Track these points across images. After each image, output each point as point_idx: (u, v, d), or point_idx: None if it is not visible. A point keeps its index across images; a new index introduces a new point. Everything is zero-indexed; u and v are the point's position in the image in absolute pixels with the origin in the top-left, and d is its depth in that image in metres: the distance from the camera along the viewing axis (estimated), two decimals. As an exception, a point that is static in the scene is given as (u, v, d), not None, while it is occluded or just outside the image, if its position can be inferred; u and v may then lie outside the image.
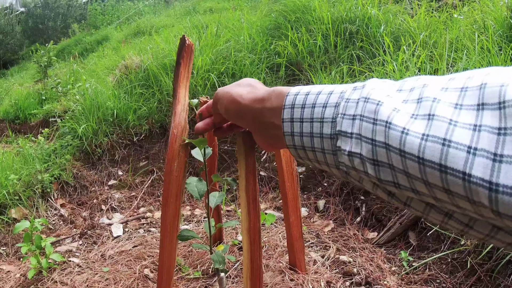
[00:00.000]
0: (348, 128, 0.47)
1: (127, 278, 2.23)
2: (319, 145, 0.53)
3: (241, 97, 0.67)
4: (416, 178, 0.39)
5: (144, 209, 3.36)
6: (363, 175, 0.47)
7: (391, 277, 2.21)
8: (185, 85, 1.58)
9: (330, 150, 0.51)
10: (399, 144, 0.39)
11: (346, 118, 0.48)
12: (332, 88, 0.54)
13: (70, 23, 19.20)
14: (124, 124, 4.02)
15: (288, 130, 0.57)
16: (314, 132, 0.53)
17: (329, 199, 3.02)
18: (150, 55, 4.74)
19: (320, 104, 0.53)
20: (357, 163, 0.46)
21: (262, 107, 0.63)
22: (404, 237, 2.55)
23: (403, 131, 0.39)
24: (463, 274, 2.11)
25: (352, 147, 0.46)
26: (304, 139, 0.55)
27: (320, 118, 0.52)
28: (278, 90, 0.62)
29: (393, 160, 0.41)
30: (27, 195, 3.28)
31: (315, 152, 0.54)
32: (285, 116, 0.58)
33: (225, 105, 0.71)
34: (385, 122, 0.41)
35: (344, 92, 0.51)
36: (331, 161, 0.52)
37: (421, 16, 3.86)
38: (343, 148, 0.48)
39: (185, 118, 1.55)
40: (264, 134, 0.66)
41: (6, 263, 2.69)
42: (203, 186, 1.60)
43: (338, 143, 0.49)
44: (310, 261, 2.32)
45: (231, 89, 0.71)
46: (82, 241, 2.88)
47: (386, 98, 0.44)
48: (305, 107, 0.55)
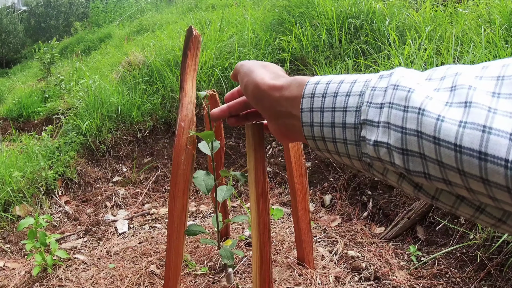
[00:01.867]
0: (375, 117, 0.45)
1: (133, 275, 2.22)
2: (340, 135, 0.50)
3: (262, 81, 0.64)
4: (450, 168, 0.37)
5: (149, 206, 3.34)
6: (389, 166, 0.45)
7: (399, 272, 2.19)
8: (192, 77, 1.56)
9: (353, 140, 0.49)
10: (433, 131, 0.37)
11: (372, 107, 0.46)
12: (355, 77, 0.52)
13: (72, 21, 19.21)
14: (128, 121, 4.00)
15: (307, 121, 0.55)
16: (336, 122, 0.51)
17: (335, 194, 2.99)
18: (153, 51, 4.73)
19: (343, 93, 0.51)
20: (383, 153, 0.44)
21: (280, 96, 0.61)
22: (412, 232, 2.52)
23: (438, 117, 0.37)
24: (473, 268, 2.09)
25: (379, 136, 0.44)
26: (325, 129, 0.52)
27: (342, 107, 0.50)
28: (298, 79, 0.59)
29: (425, 149, 0.39)
30: (31, 192, 3.27)
31: (336, 143, 0.52)
32: (304, 105, 0.55)
33: (245, 83, 0.69)
34: (417, 109, 0.39)
35: (369, 80, 0.49)
36: (354, 152, 0.50)
37: (426, 10, 3.82)
38: (368, 138, 0.46)
39: (192, 110, 1.53)
40: (280, 124, 0.64)
41: (10, 261, 2.68)
42: (211, 180, 1.58)
43: (362, 133, 0.47)
44: (318, 256, 2.30)
45: (255, 69, 0.68)
46: (87, 237, 2.87)
47: (417, 85, 0.42)
48: (326, 96, 0.53)
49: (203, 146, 1.52)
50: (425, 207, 2.48)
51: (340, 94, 0.51)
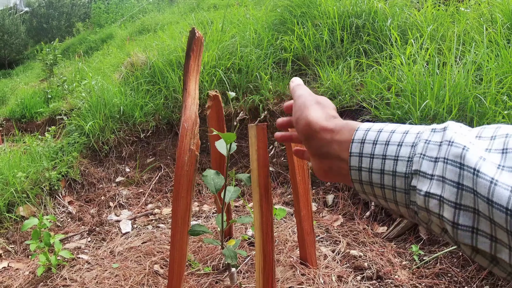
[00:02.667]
0: (429, 169, 0.47)
1: (137, 274, 2.23)
2: (390, 182, 0.52)
3: (315, 122, 0.66)
4: (500, 227, 0.40)
5: (152, 206, 3.36)
6: (435, 218, 0.46)
7: (402, 271, 2.20)
8: (195, 78, 1.57)
9: (403, 188, 0.51)
10: (487, 193, 0.40)
11: (426, 159, 0.48)
12: (407, 127, 0.54)
13: (74, 22, 19.23)
14: (130, 121, 4.01)
15: (356, 165, 0.56)
16: (386, 169, 0.52)
17: (338, 193, 3.00)
18: (155, 52, 4.74)
19: (395, 142, 0.53)
20: (433, 205, 0.46)
21: (331, 138, 0.62)
22: (414, 231, 2.53)
23: (492, 181, 0.40)
24: (475, 268, 2.10)
25: (431, 188, 0.46)
26: (373, 175, 0.54)
27: (394, 156, 0.52)
28: (350, 124, 0.61)
29: (480, 206, 0.41)
30: (34, 193, 3.28)
31: (384, 189, 0.53)
32: (353, 150, 0.57)
33: (297, 117, 0.70)
34: (472, 169, 0.42)
35: (421, 132, 0.51)
36: (401, 200, 0.52)
37: (428, 9, 3.83)
38: (419, 188, 0.48)
39: (195, 111, 1.54)
40: (324, 164, 0.65)
41: (15, 261, 2.69)
42: (221, 180, 1.59)
43: (413, 183, 0.49)
44: (321, 256, 2.31)
45: (310, 106, 0.70)
46: (90, 238, 2.88)
47: (470, 144, 0.44)
48: (377, 144, 0.54)
49: (220, 146, 1.53)
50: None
51: (391, 143, 0.53)
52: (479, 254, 0.44)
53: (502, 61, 2.72)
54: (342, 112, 3.28)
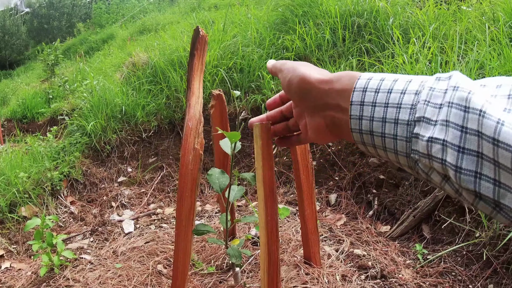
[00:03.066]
0: (433, 115, 0.47)
1: (140, 274, 2.22)
2: (391, 131, 0.52)
3: (309, 75, 0.65)
4: (505, 168, 0.40)
5: (155, 205, 3.35)
6: (437, 164, 0.46)
7: (406, 270, 2.19)
8: (199, 77, 1.56)
9: (404, 136, 0.50)
10: (493, 133, 0.40)
11: (431, 106, 0.47)
12: (410, 77, 0.53)
13: (75, 22, 19.26)
14: (132, 121, 4.01)
15: (356, 114, 0.56)
16: (388, 117, 0.52)
17: (340, 193, 2.99)
18: (157, 52, 4.74)
19: (398, 90, 0.52)
20: (436, 150, 0.46)
21: (330, 88, 0.61)
22: (418, 230, 2.52)
23: (498, 121, 0.40)
24: (479, 266, 2.09)
25: (435, 133, 0.46)
26: (374, 123, 0.54)
27: (397, 103, 0.51)
28: (349, 73, 0.60)
29: (484, 148, 0.41)
30: (36, 193, 3.28)
31: (385, 138, 0.53)
32: (354, 99, 0.56)
33: (289, 79, 0.69)
34: (478, 111, 0.42)
35: (425, 81, 0.51)
36: (402, 148, 0.51)
37: (430, 8, 3.82)
38: (422, 134, 0.47)
39: (199, 110, 1.54)
40: (326, 116, 0.64)
41: (17, 261, 2.69)
42: (225, 179, 1.59)
43: (415, 130, 0.49)
44: (324, 255, 2.30)
45: (299, 66, 0.69)
46: (93, 238, 2.88)
47: (476, 89, 0.44)
48: (379, 92, 0.54)
49: (225, 145, 1.53)
50: (431, 205, 2.48)
51: (394, 91, 0.52)
52: (481, 201, 0.44)
53: (504, 60, 2.71)
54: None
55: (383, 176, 2.86)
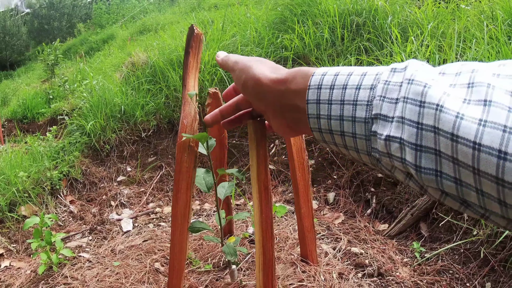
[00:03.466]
0: (389, 111, 0.44)
1: (137, 272, 2.23)
2: (349, 129, 0.49)
3: (264, 76, 0.62)
4: (465, 166, 0.37)
5: (153, 205, 3.36)
6: (398, 163, 0.44)
7: (403, 269, 2.19)
8: (194, 75, 1.57)
9: (363, 135, 0.48)
10: (451, 128, 0.37)
11: (386, 101, 0.45)
12: (365, 69, 0.50)
13: (75, 23, 19.29)
14: (132, 120, 4.02)
15: (314, 113, 0.53)
16: (345, 115, 0.49)
17: (339, 191, 3.00)
18: (156, 51, 4.74)
19: (353, 86, 0.49)
20: (395, 149, 0.43)
21: (286, 89, 0.59)
22: (416, 228, 2.53)
23: (458, 115, 0.37)
24: (476, 264, 2.09)
25: (391, 131, 0.43)
26: (332, 122, 0.51)
27: (352, 100, 0.48)
28: (303, 71, 0.57)
29: (441, 145, 0.38)
30: (36, 192, 3.29)
31: (344, 136, 0.50)
32: (310, 97, 0.53)
33: (243, 81, 0.67)
34: (435, 105, 0.39)
35: (380, 73, 0.48)
36: (362, 147, 0.49)
37: (429, 6, 3.82)
38: (379, 133, 0.45)
39: (195, 108, 1.54)
40: (285, 117, 0.62)
41: (16, 260, 2.69)
42: (211, 178, 1.59)
43: (373, 128, 0.46)
44: (322, 253, 2.31)
45: (252, 65, 0.66)
46: (92, 236, 2.89)
47: (432, 81, 0.41)
48: (334, 88, 0.51)
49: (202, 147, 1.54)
50: (429, 203, 2.49)
51: (349, 86, 0.49)
52: (448, 197, 0.42)
53: (502, 58, 2.71)
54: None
55: (381, 174, 2.86)
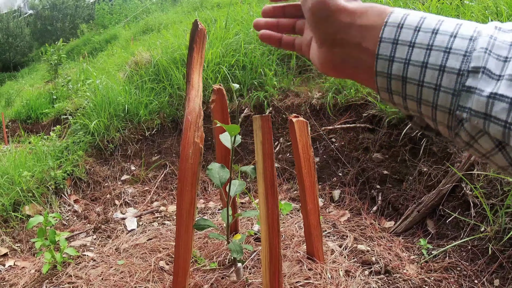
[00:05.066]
0: (497, 68, 0.39)
1: (142, 271, 2.22)
2: (433, 79, 0.42)
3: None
4: None
5: (158, 203, 3.35)
6: (497, 127, 0.38)
7: (410, 266, 2.18)
8: (198, 71, 1.55)
9: (451, 88, 0.41)
10: None
11: (493, 57, 0.39)
12: (459, 20, 0.44)
13: (78, 24, 19.32)
14: (135, 119, 4.01)
15: (386, 53, 0.45)
16: (431, 62, 0.42)
17: (344, 189, 2.98)
18: (159, 50, 4.73)
19: (446, 32, 0.42)
20: (499, 109, 0.38)
21: (351, 22, 0.50)
22: (422, 226, 2.51)
23: None
24: (484, 261, 2.07)
25: (499, 89, 0.38)
26: (410, 68, 0.44)
27: (445, 47, 0.42)
28: (377, 6, 0.49)
29: None
30: (40, 192, 3.28)
31: (422, 87, 0.43)
32: (385, 35, 0.46)
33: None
34: None
35: (479, 28, 0.42)
36: (445, 103, 0.42)
37: (432, 3, 3.79)
38: (480, 88, 0.39)
39: (199, 104, 1.52)
40: (337, 53, 0.53)
41: (20, 259, 2.69)
42: (226, 173, 1.57)
43: (469, 82, 0.40)
44: (328, 251, 2.29)
45: None
46: (96, 235, 2.88)
47: None
48: (421, 31, 0.44)
49: (224, 139, 1.51)
50: (435, 200, 2.46)
51: (442, 32, 0.43)
52: None
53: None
54: (347, 106, 3.26)
55: (387, 171, 2.84)
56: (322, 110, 3.44)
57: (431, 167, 2.64)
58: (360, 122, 3.15)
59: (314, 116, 3.44)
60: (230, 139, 1.51)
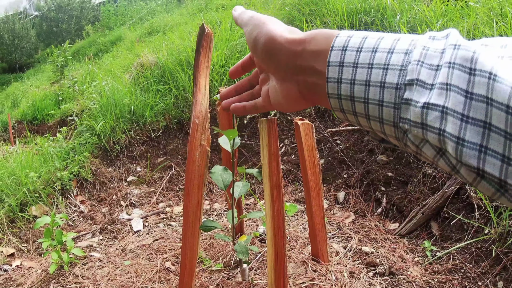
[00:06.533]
0: (429, 78, 0.40)
1: (148, 271, 2.24)
2: (376, 96, 0.44)
3: (279, 34, 0.55)
4: None
5: (164, 204, 3.37)
6: (433, 135, 0.40)
7: (414, 268, 2.18)
8: (205, 74, 1.57)
9: (391, 102, 0.43)
10: (507, 100, 0.34)
11: (425, 67, 0.41)
12: (397, 35, 0.46)
13: (83, 25, 19.38)
14: (141, 121, 4.03)
15: (334, 76, 0.47)
16: (372, 80, 0.44)
17: (349, 190, 2.99)
18: (165, 52, 4.76)
19: (384, 49, 0.44)
20: (433, 118, 0.39)
21: (302, 49, 0.52)
22: (427, 227, 2.51)
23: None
24: (488, 263, 2.08)
25: (431, 98, 0.39)
26: (356, 87, 0.46)
27: (383, 64, 0.44)
28: (324, 32, 0.51)
29: (493, 118, 0.35)
30: (47, 193, 3.31)
31: (368, 104, 0.45)
32: (332, 59, 0.48)
33: (255, 37, 0.59)
34: (488, 73, 0.36)
35: (415, 40, 0.44)
36: (389, 116, 0.44)
37: (437, 4, 3.80)
38: (415, 100, 0.41)
39: (206, 107, 1.54)
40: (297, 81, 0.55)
41: (27, 259, 2.71)
42: (229, 176, 1.59)
43: (406, 95, 0.42)
44: (332, 252, 2.30)
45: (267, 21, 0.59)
46: (102, 236, 2.90)
47: (480, 48, 0.38)
48: (362, 51, 0.46)
49: (224, 142, 1.53)
50: (439, 202, 2.47)
51: (380, 50, 0.45)
52: (483, 180, 0.38)
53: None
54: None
55: (392, 173, 2.85)
56: (327, 112, 3.45)
57: (435, 169, 2.65)
58: (364, 124, 3.16)
59: (319, 118, 3.45)
60: (229, 143, 1.53)
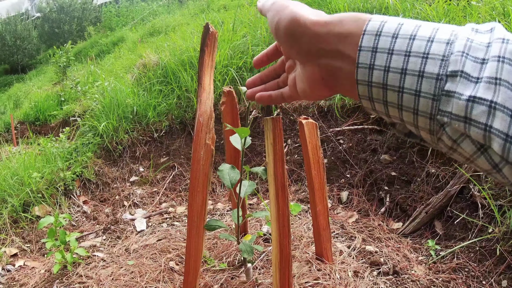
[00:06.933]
0: (474, 71, 0.39)
1: (152, 271, 2.24)
2: (413, 86, 0.42)
3: (302, 16, 0.53)
4: None
5: (166, 204, 3.37)
6: (477, 130, 0.38)
7: (418, 267, 2.18)
8: (209, 73, 1.57)
9: (431, 94, 0.41)
10: None
11: (470, 59, 0.39)
12: (436, 24, 0.44)
13: (85, 26, 19.37)
14: (144, 121, 4.03)
15: (366, 62, 0.45)
16: (409, 68, 0.42)
17: (352, 190, 2.99)
18: (167, 53, 4.75)
19: (423, 37, 0.43)
20: (479, 112, 0.38)
21: (327, 31, 0.50)
22: (430, 226, 2.51)
23: None
24: (492, 262, 2.07)
25: (478, 92, 0.38)
26: (390, 75, 0.44)
27: (422, 52, 0.42)
28: (353, 15, 0.49)
29: None
30: (50, 193, 3.31)
31: (402, 93, 0.43)
32: (364, 43, 0.46)
33: (277, 20, 0.56)
34: None
35: (456, 30, 0.42)
36: (425, 108, 0.42)
37: (439, 3, 3.80)
38: (459, 92, 0.39)
39: (210, 106, 1.54)
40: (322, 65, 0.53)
41: (30, 260, 2.72)
42: (236, 174, 1.59)
43: (447, 87, 0.40)
44: (336, 252, 2.30)
45: (290, 4, 0.56)
46: (105, 236, 2.90)
47: None
48: (398, 37, 0.44)
49: (235, 140, 1.53)
50: (443, 201, 2.47)
51: (419, 37, 0.43)
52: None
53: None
54: (354, 108, 3.27)
55: (395, 172, 2.85)
56: (330, 112, 3.45)
57: (439, 169, 2.64)
58: (367, 124, 3.16)
59: (322, 118, 3.45)
60: (240, 141, 1.53)
